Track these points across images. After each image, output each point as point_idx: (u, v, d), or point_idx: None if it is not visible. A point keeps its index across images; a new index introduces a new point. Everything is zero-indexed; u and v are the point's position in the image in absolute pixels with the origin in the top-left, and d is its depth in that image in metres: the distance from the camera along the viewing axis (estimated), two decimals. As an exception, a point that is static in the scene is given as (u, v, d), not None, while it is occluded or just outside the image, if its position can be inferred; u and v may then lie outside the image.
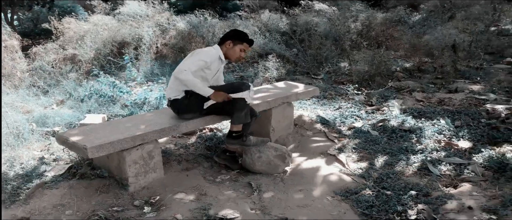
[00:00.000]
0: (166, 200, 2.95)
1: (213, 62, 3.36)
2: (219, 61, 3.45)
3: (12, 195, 2.93)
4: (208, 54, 3.33)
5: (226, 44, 3.43)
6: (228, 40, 3.43)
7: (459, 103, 4.95)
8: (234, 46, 3.43)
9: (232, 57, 3.47)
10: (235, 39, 3.43)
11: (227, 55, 3.45)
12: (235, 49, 3.43)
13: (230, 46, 3.42)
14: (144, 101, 4.96)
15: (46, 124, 4.35)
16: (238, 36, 3.47)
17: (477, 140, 3.83)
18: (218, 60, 3.42)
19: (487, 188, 2.99)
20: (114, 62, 6.50)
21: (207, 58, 3.29)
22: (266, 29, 8.37)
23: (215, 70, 3.46)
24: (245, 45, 3.48)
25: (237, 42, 3.43)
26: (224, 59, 3.47)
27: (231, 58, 3.50)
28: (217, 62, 3.41)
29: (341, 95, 5.58)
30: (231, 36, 3.46)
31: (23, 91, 5.29)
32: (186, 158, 3.67)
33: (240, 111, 3.29)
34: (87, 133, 3.08)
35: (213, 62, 3.36)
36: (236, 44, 3.43)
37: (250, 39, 3.52)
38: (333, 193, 3.08)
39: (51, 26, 7.09)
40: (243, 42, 3.46)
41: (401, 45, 7.35)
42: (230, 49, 3.43)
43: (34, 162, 3.50)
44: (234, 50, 3.44)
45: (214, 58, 3.36)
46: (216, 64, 3.42)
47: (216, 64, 3.41)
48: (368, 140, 4.04)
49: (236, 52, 3.45)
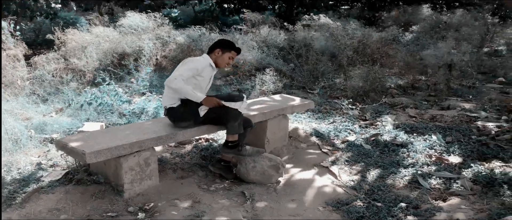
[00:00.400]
0: (160, 207, 3.00)
1: (204, 69, 3.46)
2: (210, 69, 3.56)
3: (9, 198, 2.98)
4: (198, 62, 3.45)
5: (215, 52, 3.54)
6: (217, 48, 3.54)
7: (451, 120, 5.05)
8: (223, 54, 3.54)
9: (221, 64, 3.59)
10: (223, 47, 3.55)
11: (216, 62, 3.56)
12: (223, 57, 3.55)
13: (219, 54, 3.54)
14: (142, 111, 5.04)
15: (44, 131, 4.41)
16: (226, 45, 3.59)
17: (467, 156, 3.91)
18: (209, 67, 3.53)
19: (475, 201, 3.06)
20: (114, 72, 6.60)
21: (197, 65, 3.40)
22: (264, 44, 8.51)
23: (208, 78, 3.56)
24: (233, 53, 3.60)
25: (225, 50, 3.55)
26: (214, 67, 3.58)
27: (220, 65, 3.61)
28: (208, 69, 3.52)
29: (336, 110, 5.68)
30: (220, 44, 3.58)
31: (23, 99, 5.37)
32: (182, 166, 3.73)
33: (233, 120, 3.38)
34: (86, 139, 3.14)
35: (204, 69, 3.46)
36: (225, 52, 3.55)
37: (238, 47, 3.66)
38: (325, 204, 3.14)
39: (55, 36, 7.21)
40: (231, 50, 3.58)
41: (396, 63, 7.49)
42: (219, 57, 3.54)
43: (31, 167, 3.55)
44: (222, 58, 3.55)
45: (205, 65, 3.47)
46: (208, 71, 3.52)
47: (207, 71, 3.51)
48: (361, 153, 4.11)
49: (225, 59, 3.56)
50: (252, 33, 9.26)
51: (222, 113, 3.39)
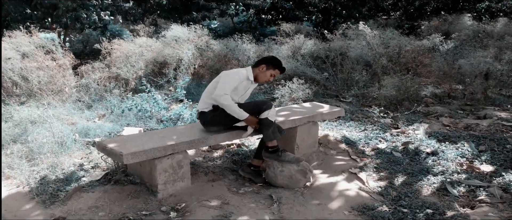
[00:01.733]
0: (191, 207, 3.16)
1: (241, 82, 3.61)
2: (248, 82, 3.70)
3: (52, 196, 3.22)
4: (238, 75, 3.60)
5: (260, 67, 3.68)
6: (263, 64, 3.68)
7: (485, 129, 4.94)
8: (266, 70, 3.68)
9: (262, 79, 3.72)
10: (269, 64, 3.69)
11: (257, 77, 3.70)
12: (266, 73, 3.68)
13: (263, 69, 3.67)
14: (179, 117, 5.27)
15: (88, 135, 4.71)
16: (273, 62, 3.73)
17: (500, 164, 3.84)
18: (247, 80, 3.67)
19: (504, 209, 3.02)
20: (154, 81, 6.92)
21: (237, 79, 3.56)
22: (299, 54, 8.62)
23: (243, 90, 3.70)
24: (276, 71, 3.73)
25: (270, 67, 3.69)
26: (253, 81, 3.71)
27: (260, 80, 3.74)
28: (245, 82, 3.66)
29: (368, 118, 5.69)
30: (266, 60, 3.73)
31: (70, 105, 5.75)
32: (213, 170, 3.89)
33: (267, 128, 3.51)
34: (124, 142, 3.36)
35: (241, 82, 3.61)
36: (269, 69, 3.68)
37: (283, 67, 3.79)
38: (351, 208, 3.19)
39: (102, 46, 7.65)
40: (275, 69, 3.71)
41: (432, 72, 7.38)
42: (261, 73, 3.68)
43: (74, 168, 3.81)
44: (265, 74, 3.68)
45: (243, 78, 3.61)
46: (244, 84, 3.66)
47: (244, 84, 3.65)
48: (390, 160, 4.13)
49: (266, 75, 3.70)
50: (287, 43, 9.40)
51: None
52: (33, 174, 3.62)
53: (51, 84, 5.97)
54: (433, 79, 7.33)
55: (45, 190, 3.30)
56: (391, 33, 8.46)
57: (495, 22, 10.78)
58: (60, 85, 6.05)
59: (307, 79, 7.04)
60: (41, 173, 3.64)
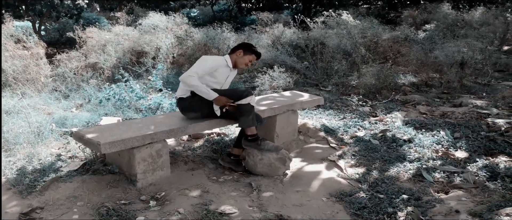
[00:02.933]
0: (171, 195, 3.16)
1: (220, 68, 3.60)
2: (227, 69, 3.69)
3: (29, 187, 3.17)
4: (214, 60, 3.60)
5: (237, 53, 3.70)
6: (240, 49, 3.70)
7: (461, 117, 5.06)
8: (244, 55, 3.70)
9: (240, 64, 3.73)
10: (246, 49, 3.71)
11: (236, 63, 3.71)
12: (244, 58, 3.70)
13: (240, 54, 3.69)
14: (158, 106, 5.22)
15: (65, 125, 4.64)
16: (249, 48, 3.75)
17: (474, 151, 3.94)
18: (226, 67, 3.66)
19: (477, 194, 3.11)
20: (132, 70, 6.82)
21: (212, 63, 3.55)
22: (279, 42, 8.63)
23: (223, 77, 3.69)
24: (253, 57, 3.75)
25: (247, 52, 3.71)
26: (232, 67, 3.71)
27: (239, 66, 3.74)
28: (224, 69, 3.65)
29: (347, 106, 5.75)
30: (244, 46, 3.75)
31: (46, 95, 5.64)
32: (193, 159, 3.88)
33: (246, 115, 3.51)
34: (102, 131, 3.32)
35: (220, 68, 3.60)
36: (246, 54, 3.70)
37: (259, 52, 3.81)
38: (329, 195, 3.24)
39: (75, 35, 7.49)
40: (252, 54, 3.73)
41: (410, 61, 7.49)
42: (239, 58, 3.69)
43: (51, 158, 3.76)
44: (243, 59, 3.70)
45: (220, 64, 3.60)
46: (223, 71, 3.65)
47: (223, 71, 3.64)
48: (368, 148, 4.19)
49: (245, 60, 3.71)
50: (267, 32, 9.40)
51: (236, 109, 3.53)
52: (10, 165, 3.55)
53: (25, 74, 5.84)
54: (411, 68, 7.45)
55: (22, 181, 3.24)
56: (369, 22, 8.55)
57: (474, 10, 10.97)
58: (34, 74, 5.92)
59: (288, 68, 7.07)
60: (17, 164, 3.58)
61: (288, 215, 2.89)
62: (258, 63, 7.55)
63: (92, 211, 2.89)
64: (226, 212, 2.89)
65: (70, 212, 2.86)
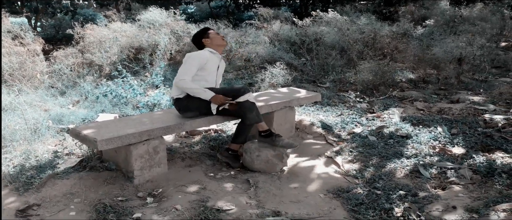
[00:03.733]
0: (168, 192, 3.15)
1: (208, 60, 3.60)
2: (214, 57, 3.69)
3: (26, 183, 3.16)
4: (199, 56, 3.58)
5: (206, 43, 3.72)
6: (203, 39, 3.73)
7: (458, 113, 5.07)
8: (209, 37, 3.72)
9: (219, 45, 3.76)
10: (204, 36, 3.74)
11: (214, 46, 3.72)
12: (212, 39, 3.72)
13: (208, 41, 3.71)
14: (155, 103, 5.21)
15: (61, 122, 4.63)
16: (203, 33, 3.76)
17: (471, 147, 3.95)
18: (212, 55, 3.66)
19: (474, 190, 3.12)
20: (129, 66, 6.80)
21: (199, 59, 3.55)
22: (276, 39, 8.61)
23: (214, 68, 3.68)
24: (212, 33, 3.76)
25: (207, 35, 3.73)
26: (217, 53, 3.73)
27: (219, 47, 3.76)
28: (212, 59, 3.65)
29: (344, 103, 5.75)
30: (200, 35, 3.76)
31: (42, 91, 5.62)
32: (190, 155, 3.88)
33: (250, 111, 3.51)
34: (98, 128, 3.31)
35: (208, 60, 3.60)
36: (208, 35, 3.73)
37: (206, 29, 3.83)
38: (326, 191, 3.24)
39: (74, 32, 7.46)
40: (208, 33, 3.75)
41: (407, 57, 7.50)
42: (210, 43, 3.71)
43: (48, 155, 3.75)
44: (215, 38, 3.72)
45: (206, 56, 3.60)
46: (213, 61, 3.66)
47: (212, 61, 3.65)
48: (365, 144, 4.19)
49: (217, 39, 3.73)
50: (265, 28, 9.37)
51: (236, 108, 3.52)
52: (6, 161, 3.54)
53: (22, 70, 5.81)
54: (409, 64, 7.46)
55: (19, 178, 3.23)
56: (367, 18, 8.53)
57: (472, 7, 10.97)
58: (30, 71, 5.90)
59: (285, 65, 7.05)
60: (14, 161, 3.56)
61: (285, 211, 2.89)
62: (256, 60, 7.55)
63: (89, 207, 2.89)
64: (224, 209, 2.89)
65: (67, 209, 2.86)
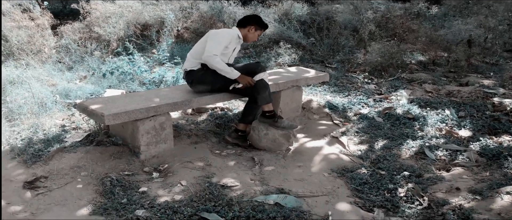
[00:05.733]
0: (174, 168, 3.18)
1: (232, 42, 3.57)
2: (237, 41, 3.66)
3: (34, 156, 3.20)
4: (229, 35, 3.55)
5: (248, 28, 3.66)
6: (252, 25, 3.65)
7: (467, 96, 5.02)
8: (256, 31, 3.68)
9: (250, 39, 3.72)
10: (257, 25, 3.67)
11: (246, 37, 3.69)
12: (255, 34, 3.69)
13: (252, 30, 3.66)
14: (162, 80, 5.21)
15: (68, 97, 4.65)
16: (260, 23, 3.70)
17: (478, 130, 3.93)
18: (237, 39, 3.64)
19: (478, 172, 3.11)
20: (136, 43, 6.79)
21: (228, 38, 3.52)
22: (286, 17, 8.51)
23: (232, 49, 3.66)
24: (261, 31, 3.75)
25: (258, 27, 3.68)
26: (242, 39, 3.69)
27: (249, 40, 3.74)
28: (235, 41, 3.63)
29: (352, 83, 5.72)
30: (255, 21, 3.69)
31: (50, 66, 5.63)
32: (196, 132, 3.89)
33: (264, 91, 3.51)
34: (106, 103, 3.32)
35: (232, 42, 3.57)
36: (258, 29, 3.68)
37: (266, 26, 3.79)
38: (330, 171, 3.25)
39: (79, 6, 7.43)
40: (262, 29, 3.72)
41: (419, 39, 7.39)
42: (251, 33, 3.67)
43: (55, 129, 3.78)
44: (254, 35, 3.69)
45: (233, 37, 3.58)
46: (234, 43, 3.63)
47: (233, 43, 3.62)
48: (371, 125, 4.18)
49: (255, 36, 3.70)
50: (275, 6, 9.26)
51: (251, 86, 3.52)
52: (14, 134, 3.58)
53: (30, 45, 5.82)
54: (420, 46, 7.36)
55: (27, 150, 3.27)
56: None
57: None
58: (39, 45, 5.91)
59: (294, 44, 7.00)
60: (22, 134, 3.60)
61: (289, 189, 2.91)
62: (264, 39, 7.49)
63: (96, 181, 2.93)
64: (228, 185, 2.92)
65: (74, 182, 2.90)
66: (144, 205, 2.63)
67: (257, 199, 2.72)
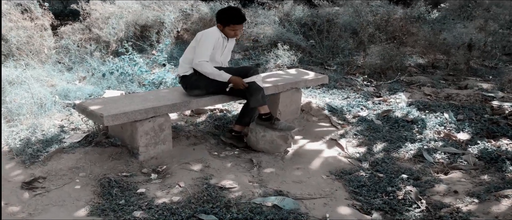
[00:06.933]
0: (172, 169, 3.18)
1: (219, 40, 3.55)
2: (223, 39, 3.60)
3: (32, 156, 3.19)
4: (213, 36, 3.50)
5: (218, 26, 3.57)
6: (218, 23, 3.56)
7: (465, 99, 5.02)
8: (224, 27, 3.53)
9: (230, 36, 3.61)
10: (222, 21, 3.51)
11: (226, 34, 3.59)
12: (226, 30, 3.54)
13: (220, 28, 3.55)
14: (161, 81, 5.22)
15: (68, 97, 4.65)
16: (223, 19, 3.50)
17: (476, 133, 3.93)
18: (221, 38, 3.58)
19: (476, 176, 3.12)
20: (136, 44, 6.80)
21: (212, 39, 3.49)
22: (287, 19, 8.52)
23: (221, 48, 3.62)
24: (232, 26, 3.50)
25: (225, 24, 3.51)
26: (226, 37, 3.61)
27: (230, 37, 3.63)
28: (220, 40, 3.57)
29: (351, 86, 5.72)
30: (218, 19, 3.55)
31: (49, 66, 5.64)
32: (195, 134, 3.90)
33: (256, 94, 3.50)
34: (105, 104, 3.33)
35: (219, 40, 3.55)
36: (225, 26, 3.52)
37: (237, 19, 3.50)
38: (328, 173, 3.26)
39: (79, 7, 7.43)
40: (229, 24, 3.49)
41: (418, 42, 7.41)
42: (222, 31, 3.56)
43: (54, 129, 3.78)
44: (226, 31, 3.56)
45: (217, 36, 3.53)
46: (220, 42, 3.58)
47: (220, 43, 3.57)
48: (370, 128, 4.19)
49: (229, 33, 3.57)
50: (276, 8, 9.27)
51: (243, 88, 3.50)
52: (13, 135, 3.58)
53: (29, 45, 5.82)
54: (419, 49, 7.37)
55: (25, 151, 3.27)
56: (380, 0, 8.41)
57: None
58: (38, 46, 5.91)
59: (293, 46, 7.01)
60: (20, 134, 3.60)
61: (287, 191, 2.91)
62: (264, 40, 7.49)
63: (94, 182, 2.93)
64: (226, 187, 2.92)
65: (72, 182, 2.90)
66: (142, 206, 2.64)
67: (255, 201, 2.72)
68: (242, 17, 3.54)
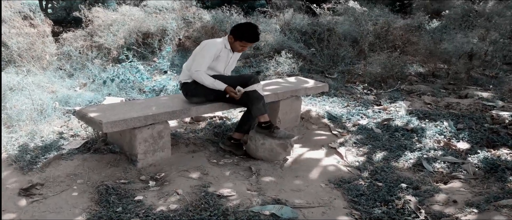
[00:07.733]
0: (170, 176, 3.18)
1: (221, 52, 3.56)
2: (228, 51, 3.63)
3: (30, 163, 3.19)
4: (214, 46, 3.53)
5: (229, 37, 3.60)
6: (230, 35, 3.58)
7: (466, 108, 5.01)
8: (234, 41, 3.56)
9: (236, 49, 3.65)
10: (235, 36, 3.55)
11: (232, 47, 3.63)
12: (235, 44, 3.58)
13: (231, 40, 3.58)
14: (162, 88, 5.23)
15: (68, 104, 4.66)
16: (239, 34, 3.54)
17: (476, 142, 3.92)
18: (225, 49, 3.61)
19: (476, 185, 3.10)
20: (137, 51, 6.82)
21: (214, 50, 3.51)
22: (287, 28, 8.55)
23: (225, 60, 3.65)
24: (243, 43, 3.56)
25: (237, 39, 3.55)
26: (231, 49, 3.64)
27: (236, 50, 3.66)
28: (224, 51, 3.60)
29: (351, 94, 5.72)
30: (233, 31, 3.57)
31: (50, 73, 5.66)
32: (194, 141, 3.89)
33: (256, 102, 3.49)
34: (104, 110, 3.33)
35: (221, 52, 3.56)
36: (236, 40, 3.55)
37: (251, 37, 3.56)
38: (327, 181, 3.24)
39: (81, 14, 7.48)
40: (242, 40, 3.54)
41: (419, 51, 7.41)
42: (232, 43, 3.60)
43: (53, 136, 3.78)
44: (234, 45, 3.59)
45: (221, 49, 3.56)
46: (224, 54, 3.61)
47: (224, 54, 3.60)
48: (370, 136, 4.17)
49: (237, 47, 3.60)
50: (277, 17, 9.31)
51: (244, 97, 3.50)
52: (12, 141, 3.58)
53: (31, 51, 5.85)
54: (419, 58, 7.37)
55: (23, 157, 3.27)
56: (380, 10, 8.44)
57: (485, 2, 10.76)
58: (40, 52, 5.94)
59: (294, 54, 7.02)
60: (19, 140, 3.60)
61: (286, 200, 2.90)
62: (265, 48, 7.51)
63: (92, 189, 2.92)
64: (225, 195, 2.91)
65: (70, 189, 2.90)
66: (139, 214, 2.62)
67: (253, 210, 2.71)
68: (257, 37, 3.61)
